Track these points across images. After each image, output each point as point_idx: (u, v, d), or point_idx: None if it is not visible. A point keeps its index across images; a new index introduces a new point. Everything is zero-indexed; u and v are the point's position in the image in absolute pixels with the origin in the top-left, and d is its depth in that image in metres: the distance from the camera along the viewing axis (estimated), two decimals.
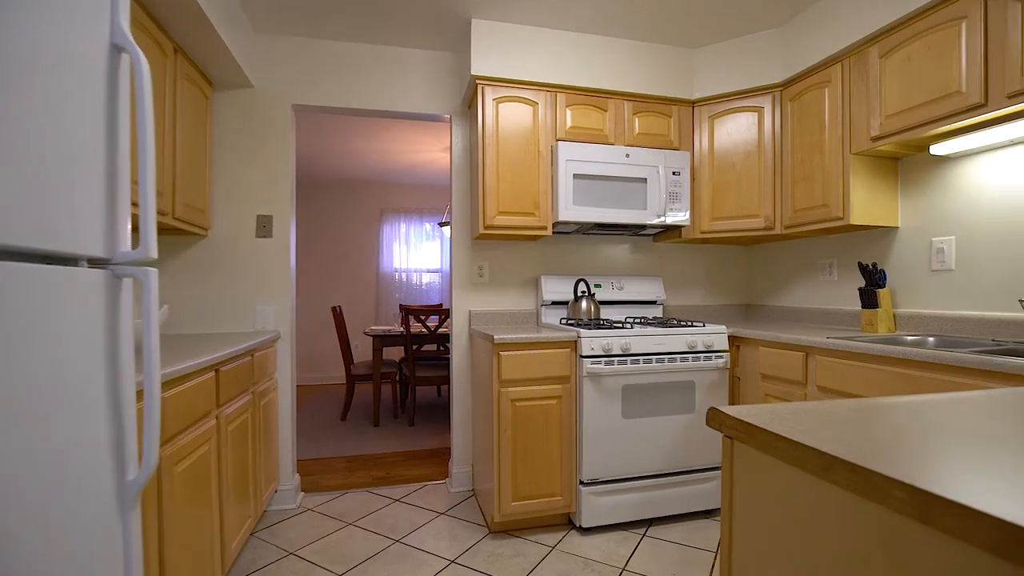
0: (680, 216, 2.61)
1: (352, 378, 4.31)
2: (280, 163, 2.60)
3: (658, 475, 2.32)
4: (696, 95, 2.72)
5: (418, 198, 6.36)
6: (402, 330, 4.27)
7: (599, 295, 2.81)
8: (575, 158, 2.48)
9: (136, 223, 1.91)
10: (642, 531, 2.25)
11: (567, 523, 2.32)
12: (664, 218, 2.59)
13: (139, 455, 1.06)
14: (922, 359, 1.56)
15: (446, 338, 4.18)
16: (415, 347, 4.21)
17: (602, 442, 2.23)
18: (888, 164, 2.26)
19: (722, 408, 0.77)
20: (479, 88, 2.46)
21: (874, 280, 2.25)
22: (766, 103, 2.57)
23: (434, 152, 4.90)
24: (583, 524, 2.21)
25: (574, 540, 2.17)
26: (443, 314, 4.02)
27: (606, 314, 2.84)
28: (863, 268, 2.27)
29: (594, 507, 2.22)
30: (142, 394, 1.10)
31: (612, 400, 2.24)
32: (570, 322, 2.57)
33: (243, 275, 2.55)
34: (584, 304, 2.61)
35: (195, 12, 1.85)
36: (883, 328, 2.20)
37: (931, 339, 1.99)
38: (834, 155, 2.24)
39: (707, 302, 3.14)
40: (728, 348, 2.39)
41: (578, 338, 2.24)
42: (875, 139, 2.05)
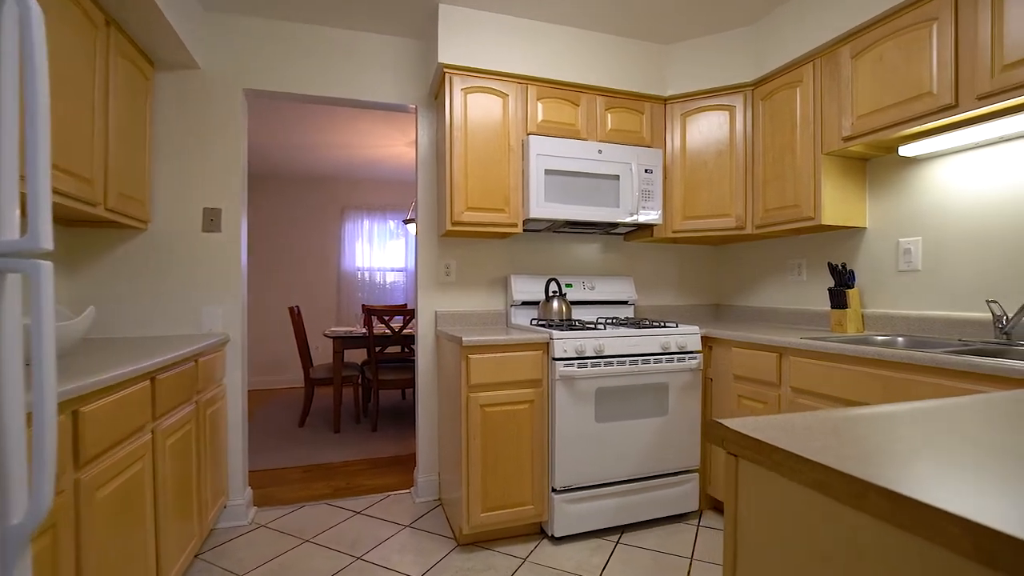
0: (652, 215, 2.56)
1: (311, 382, 4.10)
2: (231, 152, 2.40)
3: (631, 480, 2.26)
4: (668, 92, 2.68)
5: (382, 194, 6.15)
6: (364, 331, 4.09)
7: (570, 295, 2.73)
8: (546, 153, 2.39)
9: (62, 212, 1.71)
10: (615, 538, 2.18)
11: (539, 532, 2.23)
12: (637, 216, 2.53)
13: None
14: (897, 360, 1.55)
15: (411, 339, 4.03)
16: (378, 349, 4.04)
17: (575, 448, 2.15)
18: (857, 165, 2.27)
19: (724, 422, 0.69)
20: (447, 77, 2.34)
21: (843, 280, 2.25)
22: (738, 102, 2.56)
23: (398, 146, 4.72)
24: (555, 533, 2.13)
25: (546, 550, 2.09)
26: (408, 315, 3.86)
27: (577, 315, 2.77)
28: (833, 268, 2.27)
29: (566, 515, 2.14)
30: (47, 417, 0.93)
31: (585, 404, 2.16)
32: (541, 323, 2.49)
33: (188, 273, 2.34)
34: (556, 304, 2.52)
35: None
36: (852, 328, 2.21)
37: (900, 339, 2.00)
38: (805, 155, 2.24)
39: (677, 302, 3.12)
40: (701, 349, 2.36)
41: (551, 340, 2.15)
42: (847, 139, 2.05)
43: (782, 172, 2.35)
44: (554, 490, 2.15)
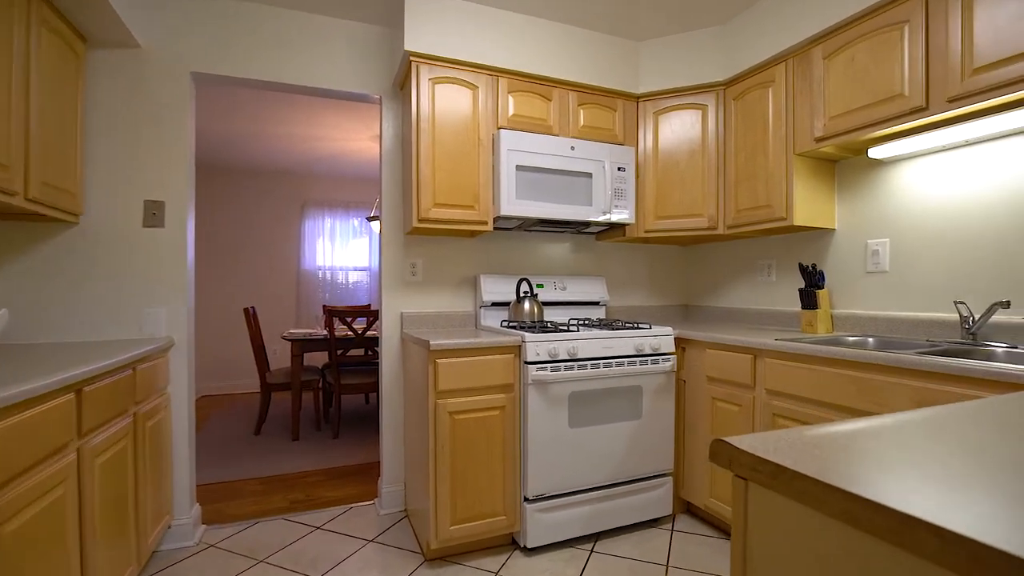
0: (625, 214, 2.51)
1: (267, 387, 3.88)
2: (176, 140, 2.21)
3: (605, 486, 2.20)
4: (641, 89, 2.64)
5: (345, 191, 5.92)
6: (325, 333, 3.90)
7: (541, 296, 2.66)
8: (518, 148, 2.30)
9: None
10: (589, 547, 2.11)
11: (511, 543, 2.14)
12: (610, 215, 2.48)
13: None
14: (874, 361, 1.54)
15: (375, 342, 3.87)
16: (340, 352, 3.86)
17: (548, 455, 2.07)
18: (826, 166, 2.28)
19: (731, 441, 0.62)
20: (413, 66, 2.22)
21: (813, 281, 2.26)
22: (710, 101, 2.54)
23: (362, 140, 4.54)
24: (528, 544, 2.04)
25: (519, 563, 2.00)
26: (371, 316, 3.70)
27: (548, 316, 2.70)
28: (803, 269, 2.27)
29: (540, 525, 2.06)
30: None
31: (559, 409, 2.08)
32: (512, 325, 2.40)
33: (127, 271, 2.14)
34: (527, 305, 2.44)
35: None
36: (822, 329, 2.22)
37: (870, 340, 2.01)
38: (778, 155, 2.23)
39: (648, 303, 3.09)
40: (675, 351, 2.32)
41: (523, 342, 2.06)
42: (819, 140, 2.05)
43: (754, 172, 2.34)
44: (526, 499, 2.06)
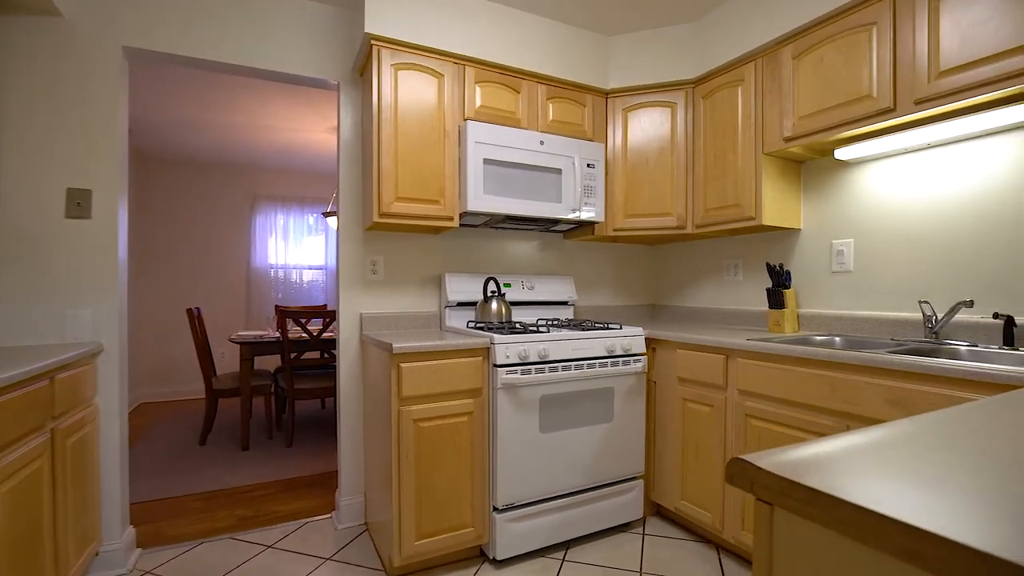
0: (594, 212, 2.46)
1: (214, 393, 3.62)
2: (106, 123, 1.98)
3: (576, 492, 2.13)
4: (611, 85, 2.59)
5: (299, 186, 5.64)
6: (278, 335, 3.68)
7: (508, 295, 2.56)
8: (486, 141, 2.20)
9: None
10: (561, 555, 2.04)
11: (479, 556, 2.04)
12: (579, 213, 2.42)
13: None
14: (846, 361, 1.53)
15: (331, 344, 3.67)
16: (294, 355, 3.65)
17: (518, 462, 1.98)
18: (792, 167, 2.29)
19: (751, 459, 0.54)
20: (375, 50, 2.08)
21: (781, 281, 2.27)
22: (679, 99, 2.52)
23: (318, 132, 4.32)
24: (497, 556, 1.94)
25: None
26: (328, 316, 3.51)
27: (516, 316, 2.61)
28: (771, 269, 2.28)
29: (509, 535, 1.97)
30: None
31: (529, 413, 2.00)
32: (479, 325, 2.29)
33: (45, 268, 1.90)
34: (495, 305, 2.34)
35: None
36: (789, 328, 2.23)
37: (837, 339, 2.02)
38: (747, 155, 2.22)
39: (615, 302, 3.05)
40: (646, 351, 2.28)
41: (491, 344, 1.96)
42: (788, 139, 2.05)
43: (723, 172, 2.33)
44: (496, 509, 1.96)
